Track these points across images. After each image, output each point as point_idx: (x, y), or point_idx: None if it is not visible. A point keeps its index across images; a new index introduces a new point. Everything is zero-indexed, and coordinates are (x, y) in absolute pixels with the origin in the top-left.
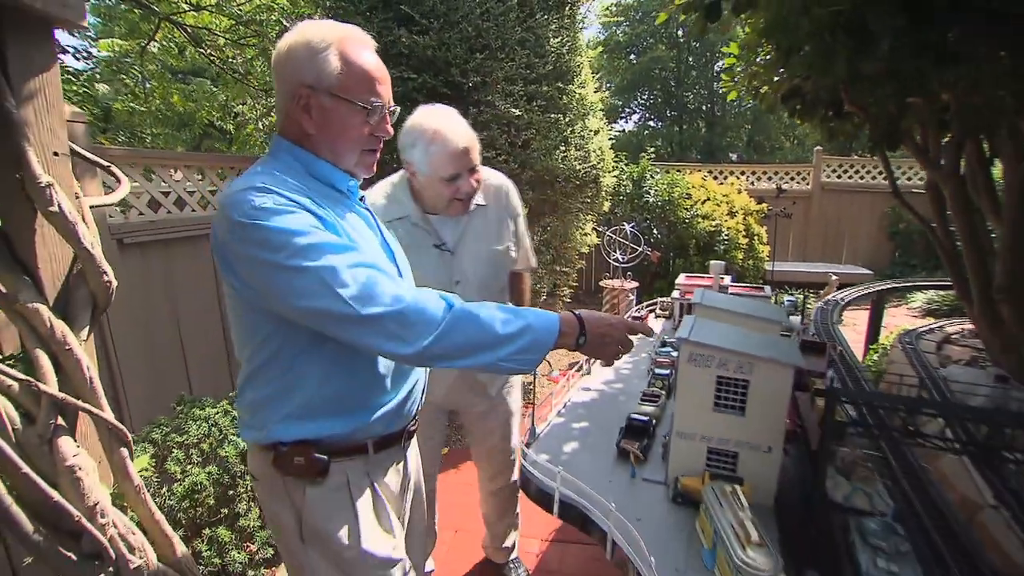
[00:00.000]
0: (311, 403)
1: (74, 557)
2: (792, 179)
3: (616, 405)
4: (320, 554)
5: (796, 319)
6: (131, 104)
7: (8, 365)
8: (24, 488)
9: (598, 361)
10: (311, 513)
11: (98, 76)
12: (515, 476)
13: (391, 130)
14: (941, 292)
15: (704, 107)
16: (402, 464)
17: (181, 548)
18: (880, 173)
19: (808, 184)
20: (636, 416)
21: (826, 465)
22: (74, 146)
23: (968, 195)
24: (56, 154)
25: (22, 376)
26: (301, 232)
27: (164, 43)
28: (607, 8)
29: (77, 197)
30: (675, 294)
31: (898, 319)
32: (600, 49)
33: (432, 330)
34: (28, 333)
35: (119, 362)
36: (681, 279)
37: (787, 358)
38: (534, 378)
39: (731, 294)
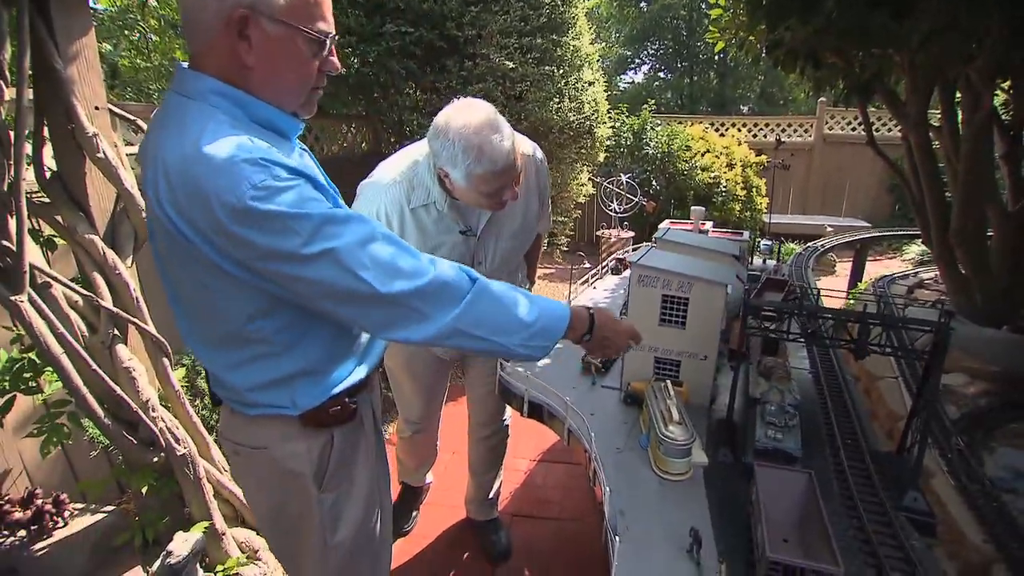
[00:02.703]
0: (334, 357)
1: (134, 441)
2: (795, 131)
3: None
4: (337, 493)
5: (772, 262)
6: (137, 60)
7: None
8: (93, 383)
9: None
10: (339, 452)
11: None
12: (507, 421)
13: (339, 64)
14: None
15: (716, 57)
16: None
17: (214, 447)
18: (884, 125)
19: (811, 136)
20: None
21: (747, 364)
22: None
23: (930, 144)
24: (97, 108)
25: (86, 293)
26: (310, 214)
27: None
28: None
29: (115, 146)
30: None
31: (892, 269)
32: (599, 1)
33: (456, 304)
34: (86, 259)
35: None
36: (664, 224)
37: (720, 278)
38: None
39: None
